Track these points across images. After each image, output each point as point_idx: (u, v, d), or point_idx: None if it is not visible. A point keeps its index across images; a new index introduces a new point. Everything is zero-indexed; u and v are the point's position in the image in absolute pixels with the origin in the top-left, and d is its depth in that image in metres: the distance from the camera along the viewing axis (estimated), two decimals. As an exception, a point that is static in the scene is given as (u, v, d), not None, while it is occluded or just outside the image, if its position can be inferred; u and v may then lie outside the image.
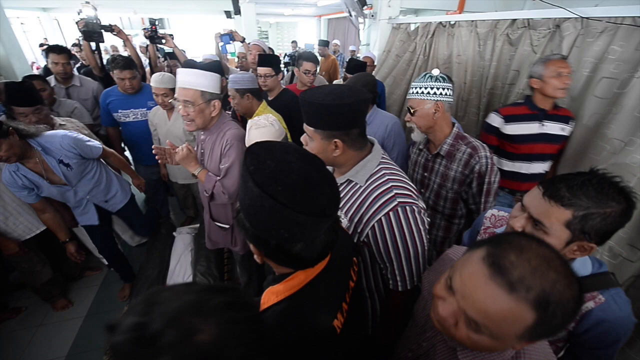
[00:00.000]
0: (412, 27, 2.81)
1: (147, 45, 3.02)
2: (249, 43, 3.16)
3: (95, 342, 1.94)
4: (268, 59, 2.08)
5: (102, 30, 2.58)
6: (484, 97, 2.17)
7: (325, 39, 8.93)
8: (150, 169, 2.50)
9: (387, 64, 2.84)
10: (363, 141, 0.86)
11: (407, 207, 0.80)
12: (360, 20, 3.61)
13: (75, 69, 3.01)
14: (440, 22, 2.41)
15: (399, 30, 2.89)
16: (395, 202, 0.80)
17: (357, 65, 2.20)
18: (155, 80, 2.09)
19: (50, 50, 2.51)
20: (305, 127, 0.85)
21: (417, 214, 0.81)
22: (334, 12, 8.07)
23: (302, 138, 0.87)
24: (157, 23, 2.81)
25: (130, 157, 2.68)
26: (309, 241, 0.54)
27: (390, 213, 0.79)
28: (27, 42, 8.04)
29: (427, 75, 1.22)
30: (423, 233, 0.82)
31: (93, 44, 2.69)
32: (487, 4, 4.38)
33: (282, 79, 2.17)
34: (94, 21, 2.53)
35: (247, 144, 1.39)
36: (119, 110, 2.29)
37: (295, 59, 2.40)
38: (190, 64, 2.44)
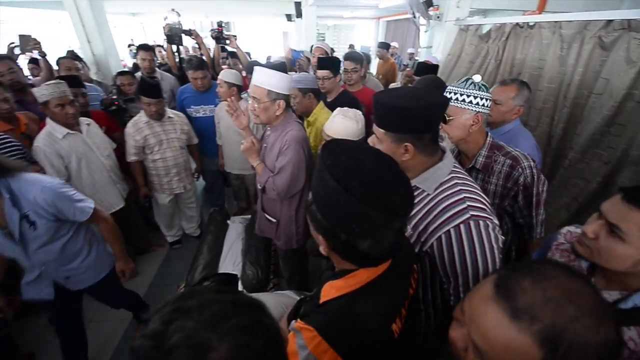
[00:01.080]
0: (484, 29, 2.63)
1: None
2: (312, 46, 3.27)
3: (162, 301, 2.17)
4: (327, 61, 2.13)
5: (182, 34, 2.91)
6: (565, 108, 1.95)
7: (384, 41, 8.77)
8: (212, 160, 2.73)
9: (460, 71, 2.67)
10: (434, 147, 0.83)
11: (481, 222, 0.75)
12: (422, 22, 3.49)
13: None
14: (517, 23, 2.22)
15: (467, 32, 2.73)
16: (468, 215, 0.75)
17: (427, 68, 2.12)
18: (221, 75, 2.33)
19: (141, 48, 2.90)
20: (375, 128, 0.84)
21: (492, 230, 0.76)
22: (394, 14, 7.91)
23: (370, 139, 0.87)
24: (223, 25, 3.06)
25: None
26: (377, 239, 0.55)
27: (461, 225, 0.75)
28: (117, 42, 9.29)
29: (470, 82, 1.09)
30: (496, 251, 0.76)
31: (174, 46, 3.04)
32: (573, 3, 3.92)
33: (340, 80, 2.18)
34: (177, 26, 2.88)
35: (327, 129, 1.43)
36: (191, 106, 2.56)
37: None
38: (254, 65, 2.61)
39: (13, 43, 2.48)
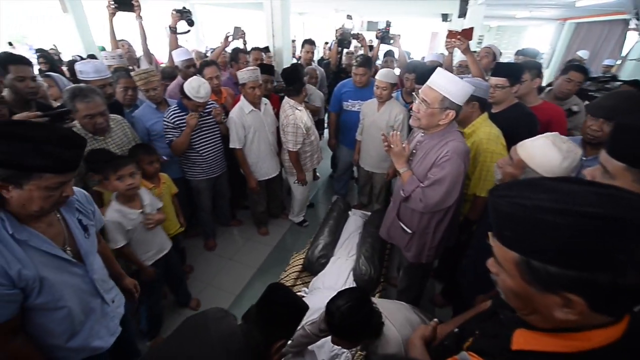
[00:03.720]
0: None
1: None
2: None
3: (277, 266, 2.50)
4: (505, 68, 1.85)
5: (351, 39, 3.18)
6: None
7: (566, 48, 7.13)
8: (349, 152, 2.89)
9: None
10: None
11: None
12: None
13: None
14: None
15: None
16: None
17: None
18: (380, 74, 2.37)
19: (307, 42, 3.40)
20: (606, 159, 0.66)
21: None
22: (591, 15, 6.23)
23: (590, 171, 0.70)
24: (391, 24, 3.10)
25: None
26: None
27: None
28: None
29: None
30: None
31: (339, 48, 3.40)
32: None
33: (516, 91, 1.88)
34: (349, 32, 3.16)
35: (520, 149, 1.15)
36: (349, 100, 2.75)
37: None
38: (414, 65, 2.57)
39: (229, 32, 3.23)
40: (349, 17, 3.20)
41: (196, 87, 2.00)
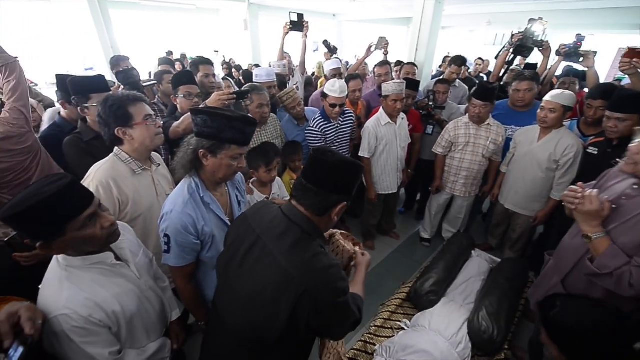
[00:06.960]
0: None
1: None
2: None
3: (376, 284, 2.39)
4: None
5: (534, 46, 2.68)
6: None
7: None
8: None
9: None
10: None
11: None
12: None
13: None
14: None
15: None
16: None
17: None
18: (551, 94, 1.95)
19: (453, 62, 3.09)
20: None
21: None
22: None
23: None
24: (583, 40, 2.50)
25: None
26: None
27: None
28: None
29: None
30: None
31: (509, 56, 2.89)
32: None
33: None
34: (531, 36, 2.66)
35: None
36: None
37: None
38: (604, 89, 1.97)
39: (372, 42, 3.29)
40: (541, 19, 2.59)
41: (332, 82, 2.13)
